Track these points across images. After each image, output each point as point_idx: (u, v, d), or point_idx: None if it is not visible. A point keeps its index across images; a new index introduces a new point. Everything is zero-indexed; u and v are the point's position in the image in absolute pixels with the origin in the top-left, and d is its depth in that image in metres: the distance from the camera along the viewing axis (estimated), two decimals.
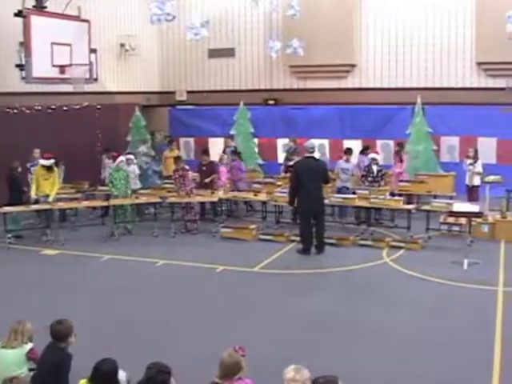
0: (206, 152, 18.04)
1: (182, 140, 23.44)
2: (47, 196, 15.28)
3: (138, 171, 17.08)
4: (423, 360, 8.34)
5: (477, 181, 16.52)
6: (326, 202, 15.13)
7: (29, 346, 6.55)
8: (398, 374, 7.95)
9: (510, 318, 9.73)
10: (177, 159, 16.71)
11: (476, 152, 16.77)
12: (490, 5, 18.74)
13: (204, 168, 17.50)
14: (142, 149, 19.78)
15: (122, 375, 5.79)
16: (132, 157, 17.12)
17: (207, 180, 17.15)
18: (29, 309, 9.45)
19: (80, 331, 6.64)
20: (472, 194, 16.52)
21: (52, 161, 15.36)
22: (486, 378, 7.75)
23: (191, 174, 16.53)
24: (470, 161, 16.58)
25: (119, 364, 5.66)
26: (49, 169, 15.36)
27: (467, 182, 16.63)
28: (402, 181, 17.66)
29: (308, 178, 13.69)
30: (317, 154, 15.75)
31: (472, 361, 8.29)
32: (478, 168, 16.54)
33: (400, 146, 18.20)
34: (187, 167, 16.56)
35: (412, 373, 7.96)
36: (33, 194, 15.21)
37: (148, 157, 19.38)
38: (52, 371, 6.03)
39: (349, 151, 16.97)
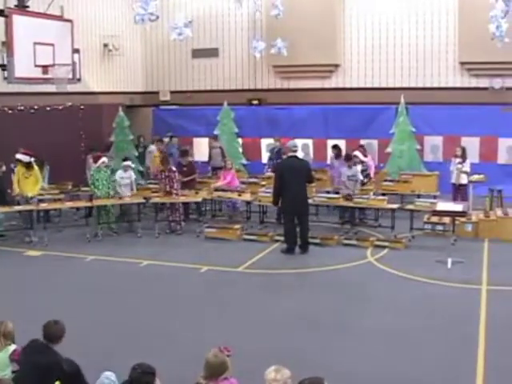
0: (185, 153, 18.01)
1: (166, 140, 23.33)
2: (26, 197, 15.19)
3: (134, 176, 16.75)
4: (408, 358, 8.37)
5: (464, 179, 16.43)
6: (310, 201, 15.18)
7: (12, 347, 6.46)
8: (383, 372, 7.97)
9: (494, 317, 9.79)
10: (164, 159, 16.64)
11: (464, 151, 16.64)
12: (472, 5, 18.82)
13: (184, 168, 17.45)
14: (152, 148, 19.79)
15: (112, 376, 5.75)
16: (129, 163, 16.74)
17: (185, 179, 17.10)
18: (11, 310, 9.38)
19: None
20: (459, 193, 16.41)
21: (30, 158, 15.23)
22: (470, 375, 7.78)
23: (177, 176, 16.47)
24: (458, 160, 16.45)
25: (105, 365, 5.64)
26: (28, 167, 15.25)
27: (454, 180, 16.58)
28: (386, 180, 17.76)
29: (291, 178, 13.70)
30: (300, 154, 15.74)
31: (457, 359, 8.33)
32: (466, 167, 16.44)
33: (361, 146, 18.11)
34: (174, 169, 16.51)
35: (397, 371, 7.99)
36: (15, 193, 15.12)
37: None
38: (41, 373, 5.90)
39: (348, 156, 16.18)
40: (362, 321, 9.84)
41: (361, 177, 16.09)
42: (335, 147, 18.04)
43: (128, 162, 16.60)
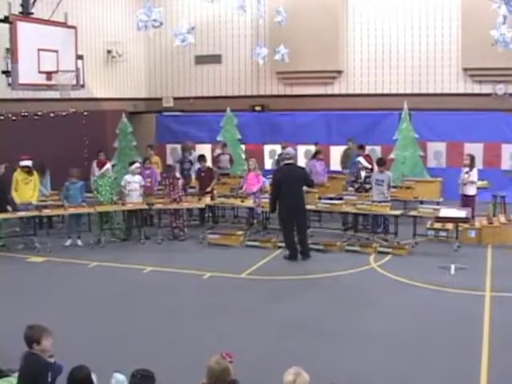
0: (203, 158, 17.98)
1: (169, 146, 23.43)
2: (29, 204, 15.20)
3: (143, 182, 16.30)
4: (412, 364, 8.35)
5: (472, 190, 15.36)
6: (313, 207, 15.22)
7: None
8: (386, 377, 7.96)
9: (498, 323, 9.77)
10: (168, 167, 16.64)
11: (472, 160, 15.55)
12: (475, 11, 18.84)
13: (203, 174, 17.48)
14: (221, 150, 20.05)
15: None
16: (138, 165, 16.48)
17: (209, 189, 17.23)
18: (13, 315, 9.39)
19: (65, 340, 6.60)
20: (466, 203, 15.05)
21: (30, 162, 15.25)
22: (474, 381, 7.76)
23: (181, 182, 16.45)
24: (466, 169, 15.41)
25: (105, 370, 5.63)
26: (29, 172, 15.26)
27: (460, 191, 15.57)
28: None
29: (288, 185, 13.72)
30: (303, 160, 15.72)
31: (460, 366, 8.30)
32: (473, 177, 15.38)
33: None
34: (178, 175, 16.49)
35: (400, 376, 7.97)
36: (17, 201, 15.10)
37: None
38: (31, 382, 5.93)
39: (382, 161, 15.96)
40: (364, 326, 9.82)
41: (391, 183, 15.76)
42: (317, 153, 18.54)
43: (137, 164, 16.42)
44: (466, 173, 15.40)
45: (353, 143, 19.26)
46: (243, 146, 22.24)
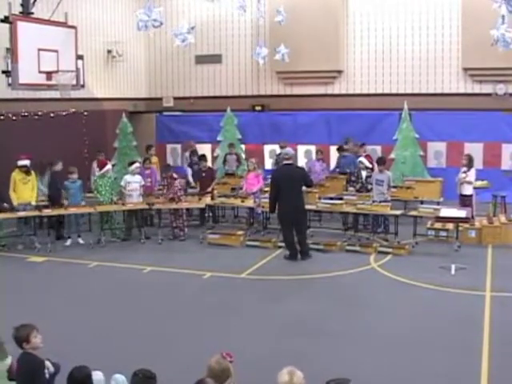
0: (203, 157, 17.99)
1: (169, 146, 23.43)
2: (28, 204, 15.18)
3: (143, 182, 16.38)
4: (411, 364, 8.35)
5: (467, 190, 15.44)
6: (313, 207, 15.21)
7: (9, 360, 6.43)
8: (385, 378, 7.95)
9: (498, 323, 9.77)
10: (166, 167, 16.66)
11: (470, 160, 15.66)
12: (475, 11, 18.82)
13: (203, 174, 17.50)
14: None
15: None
16: (138, 165, 16.48)
17: (209, 189, 17.29)
18: (13, 315, 9.37)
19: (65, 340, 6.59)
20: (464, 203, 15.18)
21: (28, 161, 15.25)
22: (474, 382, 7.76)
23: (178, 182, 16.43)
24: (464, 169, 15.51)
25: (105, 371, 5.63)
26: (27, 172, 15.25)
27: (458, 190, 15.69)
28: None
29: (287, 186, 13.72)
30: (304, 160, 15.69)
31: (460, 366, 8.30)
32: (471, 177, 15.45)
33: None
34: (176, 176, 16.47)
35: (399, 378, 7.97)
36: (15, 202, 15.07)
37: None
38: (28, 381, 5.94)
39: (382, 160, 15.95)
40: (364, 326, 9.82)
41: (391, 183, 15.73)
42: (318, 152, 18.79)
43: (137, 164, 16.44)
44: (464, 172, 15.50)
45: (344, 144, 19.17)
46: (243, 146, 22.24)
